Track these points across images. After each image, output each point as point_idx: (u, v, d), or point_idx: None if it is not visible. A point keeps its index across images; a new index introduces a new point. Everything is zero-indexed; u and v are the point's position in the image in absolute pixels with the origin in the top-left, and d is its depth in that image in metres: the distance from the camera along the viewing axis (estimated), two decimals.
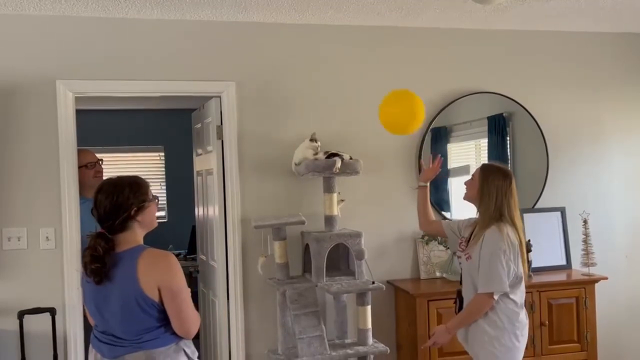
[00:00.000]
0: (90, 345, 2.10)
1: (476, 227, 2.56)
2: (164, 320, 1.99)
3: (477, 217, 2.64)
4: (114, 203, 1.98)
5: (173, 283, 1.96)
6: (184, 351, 2.03)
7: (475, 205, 2.61)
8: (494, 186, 2.50)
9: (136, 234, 2.03)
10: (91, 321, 2.13)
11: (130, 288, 1.93)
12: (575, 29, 3.79)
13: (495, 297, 2.43)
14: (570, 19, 3.57)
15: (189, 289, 2.05)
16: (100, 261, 1.94)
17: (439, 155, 3.01)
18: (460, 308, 2.57)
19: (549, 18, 3.52)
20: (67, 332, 3.08)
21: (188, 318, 2.00)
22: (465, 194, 2.65)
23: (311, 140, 3.17)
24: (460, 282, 2.64)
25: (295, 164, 3.25)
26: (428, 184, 2.96)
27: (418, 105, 2.90)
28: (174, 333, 2.01)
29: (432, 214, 2.97)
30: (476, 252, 2.47)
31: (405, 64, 3.57)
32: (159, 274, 1.95)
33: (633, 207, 3.91)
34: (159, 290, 1.95)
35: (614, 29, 3.82)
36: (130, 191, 2.01)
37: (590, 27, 3.76)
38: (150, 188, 2.09)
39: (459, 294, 2.62)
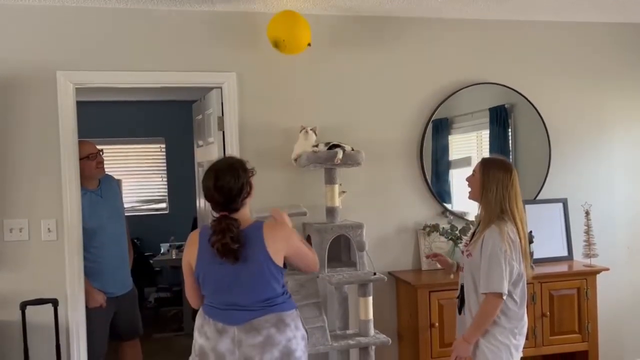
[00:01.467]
0: (205, 317, 2.20)
1: (479, 224, 2.54)
2: (285, 287, 2.24)
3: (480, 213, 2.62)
4: (239, 185, 2.14)
5: (294, 245, 2.21)
6: (300, 317, 2.27)
7: (478, 202, 2.55)
8: (494, 180, 2.45)
9: (247, 210, 2.22)
10: (194, 303, 2.28)
11: (263, 260, 2.12)
12: (577, 19, 3.77)
13: (504, 297, 2.40)
14: (573, 9, 3.55)
15: (300, 237, 2.31)
16: (239, 241, 2.09)
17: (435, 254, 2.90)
18: (462, 305, 2.54)
19: (551, 8, 3.50)
20: (70, 322, 3.09)
21: (311, 259, 2.28)
22: (470, 192, 2.58)
23: (306, 132, 3.16)
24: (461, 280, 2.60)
25: (293, 160, 3.25)
26: (455, 264, 2.83)
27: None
28: (292, 300, 2.26)
29: None
30: (477, 250, 2.44)
31: (406, 54, 3.55)
32: (284, 242, 2.17)
33: (635, 198, 3.91)
34: (285, 256, 2.17)
35: (616, 19, 3.80)
36: (243, 171, 2.19)
37: (592, 17, 3.74)
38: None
39: (461, 290, 2.57)
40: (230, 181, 2.13)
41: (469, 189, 2.59)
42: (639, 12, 3.67)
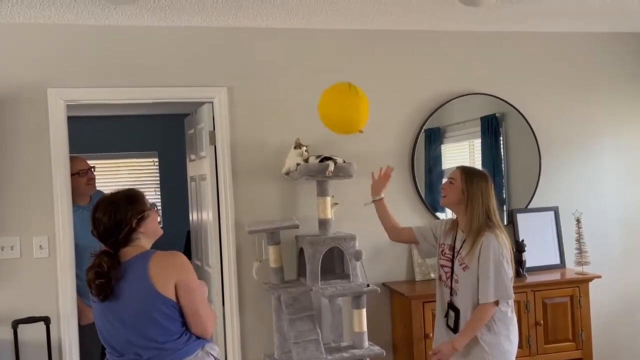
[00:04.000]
0: None
1: (462, 234, 2.51)
2: (186, 325, 1.95)
3: (453, 219, 2.60)
4: (113, 220, 1.96)
5: (189, 279, 1.95)
6: (212, 355, 2.01)
7: (456, 210, 2.54)
8: (478, 189, 2.46)
9: (142, 244, 2.02)
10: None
11: (145, 293, 1.89)
12: (565, 29, 3.82)
13: (500, 305, 2.40)
14: (561, 20, 3.59)
15: (205, 286, 2.06)
16: (105, 276, 1.90)
17: (389, 165, 2.89)
18: (457, 319, 2.48)
19: (539, 19, 3.54)
20: (62, 341, 3.07)
21: (205, 316, 1.97)
22: (445, 198, 2.56)
23: (296, 147, 3.18)
24: (450, 294, 2.53)
25: (284, 173, 3.26)
26: (382, 195, 2.84)
27: (360, 103, 2.76)
28: (197, 337, 1.97)
29: (397, 222, 2.84)
30: (474, 261, 2.42)
31: (397, 66, 3.58)
32: (174, 272, 1.93)
33: (625, 205, 3.94)
34: (175, 289, 1.92)
35: (604, 28, 3.85)
36: (127, 204, 1.99)
37: (580, 27, 3.78)
38: (146, 197, 2.08)
39: (451, 305, 2.51)
40: (104, 216, 1.95)
41: (445, 196, 2.56)
42: (626, 22, 3.72)
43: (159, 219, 2.11)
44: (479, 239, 2.42)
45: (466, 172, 2.55)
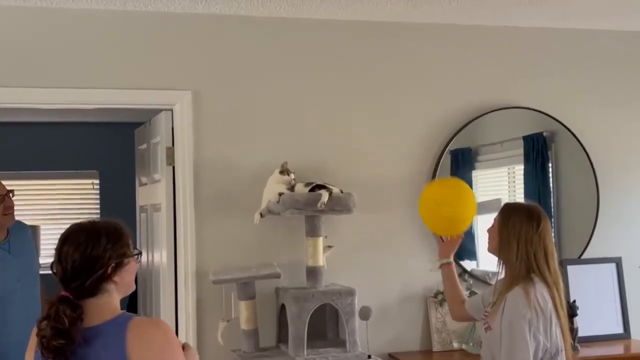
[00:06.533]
0: None
1: (500, 287, 2.57)
2: None
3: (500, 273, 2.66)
4: (86, 256, 1.91)
5: (179, 354, 1.95)
6: None
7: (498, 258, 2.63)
8: (514, 231, 2.51)
9: (112, 299, 1.97)
10: None
11: None
12: (634, 28, 3.88)
13: None
14: (627, 14, 3.64)
15: (196, 355, 2.12)
16: (66, 336, 1.85)
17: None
18: None
19: (598, 13, 3.60)
20: None
21: None
22: (489, 244, 2.67)
23: (281, 172, 3.21)
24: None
25: (260, 213, 3.29)
26: (452, 258, 2.98)
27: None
28: None
29: (463, 296, 2.99)
30: (497, 321, 2.47)
31: (414, 69, 3.64)
32: (159, 350, 1.90)
33: None
34: None
35: None
36: (109, 241, 1.95)
37: None
38: (131, 238, 2.05)
39: None
40: (75, 251, 1.91)
41: (488, 241, 2.67)
42: None
43: (137, 269, 2.08)
44: (508, 293, 2.46)
45: (504, 210, 2.61)
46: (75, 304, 1.90)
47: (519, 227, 2.52)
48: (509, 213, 2.59)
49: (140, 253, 2.05)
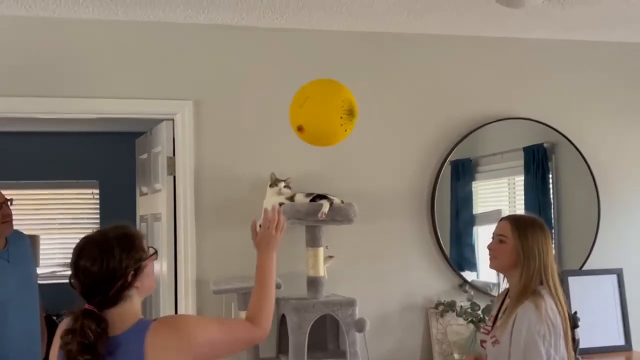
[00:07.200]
0: None
1: (507, 300, 2.53)
2: None
3: (507, 288, 2.63)
4: (103, 270, 1.90)
5: (203, 341, 1.94)
6: None
7: (510, 274, 2.54)
8: (535, 244, 2.47)
9: (134, 304, 1.96)
10: None
11: None
12: (633, 39, 3.91)
13: None
14: (633, 25, 3.65)
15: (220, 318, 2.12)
16: (92, 351, 1.85)
17: None
18: None
19: (598, 25, 3.62)
20: None
21: (241, 335, 2.08)
22: (495, 261, 2.57)
23: (271, 185, 3.22)
24: None
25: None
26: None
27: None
28: None
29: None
30: (506, 335, 2.42)
31: (414, 80, 3.66)
32: (179, 351, 1.90)
33: None
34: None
35: None
36: (123, 250, 1.93)
37: None
38: (144, 239, 2.03)
39: None
40: (92, 266, 1.91)
41: (495, 257, 2.57)
42: None
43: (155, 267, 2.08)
44: (518, 307, 2.44)
45: (518, 225, 2.54)
46: (99, 317, 1.90)
47: (538, 240, 2.49)
48: (523, 227, 2.52)
49: (156, 252, 2.03)
